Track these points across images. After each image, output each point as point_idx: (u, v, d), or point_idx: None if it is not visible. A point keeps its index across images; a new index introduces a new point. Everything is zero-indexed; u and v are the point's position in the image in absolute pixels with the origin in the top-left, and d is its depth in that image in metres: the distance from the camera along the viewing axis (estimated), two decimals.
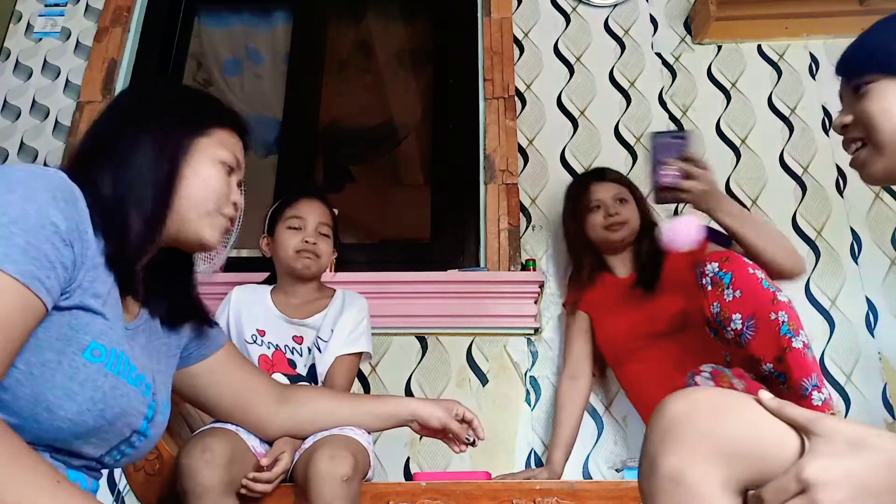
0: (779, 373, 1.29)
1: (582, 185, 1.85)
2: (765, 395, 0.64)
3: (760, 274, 1.33)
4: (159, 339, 0.96)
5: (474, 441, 1.24)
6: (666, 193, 1.43)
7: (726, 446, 0.61)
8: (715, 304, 1.34)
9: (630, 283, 1.73)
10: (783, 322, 1.27)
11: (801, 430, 0.61)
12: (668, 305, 1.64)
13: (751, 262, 1.35)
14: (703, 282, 1.36)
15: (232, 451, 1.17)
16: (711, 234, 1.56)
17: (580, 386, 1.76)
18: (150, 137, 0.88)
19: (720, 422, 0.62)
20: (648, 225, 1.79)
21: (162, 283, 0.95)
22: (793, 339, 1.26)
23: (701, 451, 0.61)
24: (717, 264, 1.35)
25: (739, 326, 1.31)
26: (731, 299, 1.32)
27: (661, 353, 1.61)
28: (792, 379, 1.26)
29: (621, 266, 1.80)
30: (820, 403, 1.22)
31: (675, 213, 1.93)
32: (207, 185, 0.91)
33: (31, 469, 0.65)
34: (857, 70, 0.87)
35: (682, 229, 1.42)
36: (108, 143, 0.88)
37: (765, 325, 1.28)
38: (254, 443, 1.26)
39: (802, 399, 1.24)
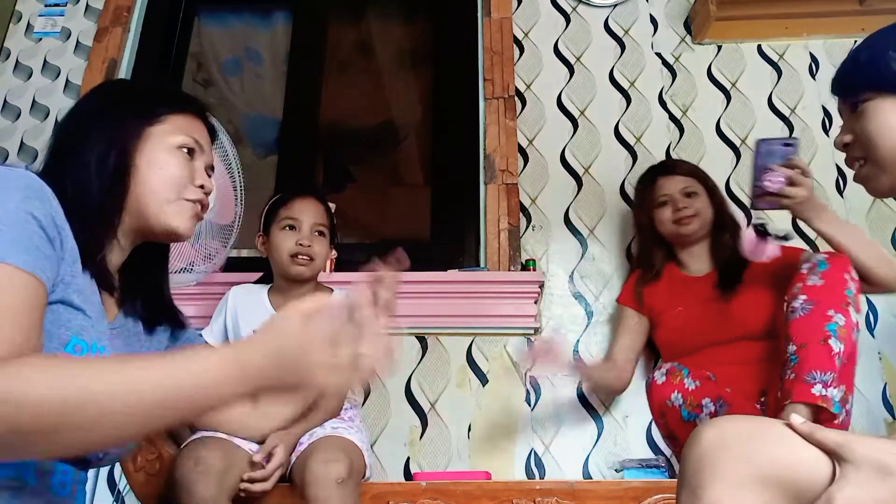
0: (795, 357, 1.26)
1: (649, 179, 1.83)
2: (796, 419, 0.65)
3: (853, 285, 1.31)
4: (138, 345, 0.95)
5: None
6: (766, 199, 1.41)
7: (762, 472, 0.62)
8: (798, 284, 1.34)
9: (708, 281, 1.69)
10: (835, 323, 1.25)
11: (831, 455, 0.61)
12: (746, 311, 1.59)
13: (853, 271, 1.33)
14: (803, 267, 1.36)
15: (225, 460, 1.17)
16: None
17: (613, 368, 1.75)
18: (101, 132, 0.88)
19: (754, 448, 0.63)
20: (724, 218, 1.75)
21: (136, 282, 0.95)
22: (832, 340, 1.24)
23: (738, 479, 0.62)
24: (825, 256, 1.36)
25: (797, 305, 1.30)
26: (811, 284, 1.32)
27: (729, 358, 1.56)
28: (803, 366, 1.23)
29: (695, 262, 1.76)
30: (817, 394, 1.21)
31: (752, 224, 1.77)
32: (164, 172, 0.90)
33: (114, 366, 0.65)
34: (851, 89, 0.87)
35: (759, 241, 1.43)
36: (67, 142, 0.89)
37: (818, 315, 1.27)
38: (252, 445, 1.26)
39: (803, 384, 1.21)
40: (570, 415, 1.87)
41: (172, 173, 0.91)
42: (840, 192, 2.08)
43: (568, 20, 2.36)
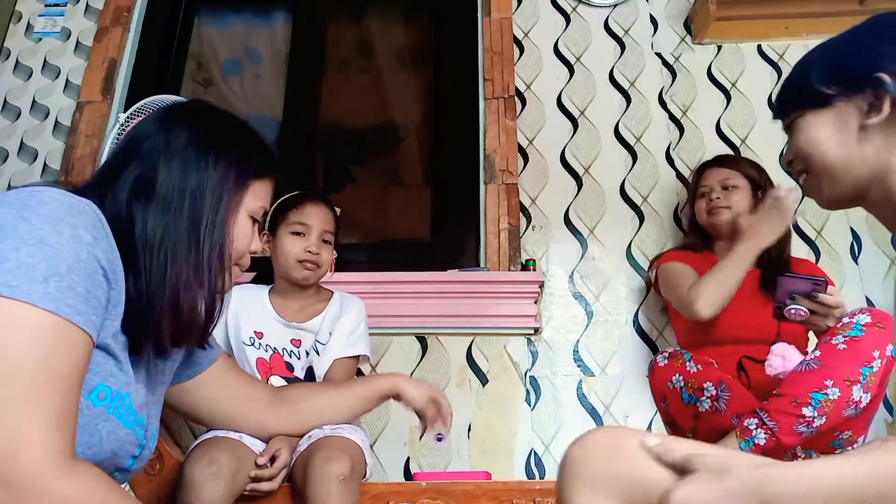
0: (771, 395, 1.31)
1: (698, 171, 1.87)
2: (649, 440, 0.68)
3: (878, 363, 1.27)
4: (155, 369, 0.90)
5: (441, 438, 1.24)
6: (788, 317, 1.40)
7: (616, 486, 0.67)
8: (826, 337, 1.32)
9: (750, 282, 1.64)
10: (824, 394, 1.25)
11: (680, 472, 0.65)
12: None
13: (890, 347, 1.29)
14: (842, 320, 1.32)
15: (237, 462, 1.18)
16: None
17: None
18: (198, 184, 0.82)
19: (610, 463, 0.68)
20: None
21: None
22: (806, 408, 1.25)
23: (594, 492, 0.68)
24: (865, 321, 1.30)
25: (809, 358, 1.30)
26: (834, 343, 1.30)
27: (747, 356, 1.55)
28: (766, 406, 1.29)
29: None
30: (748, 427, 1.28)
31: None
32: (239, 239, 0.87)
33: None
34: (782, 111, 0.94)
35: (789, 357, 1.41)
36: (148, 176, 0.81)
37: (814, 379, 1.27)
38: (260, 448, 1.27)
39: (750, 416, 1.30)
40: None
41: (245, 242, 0.88)
42: None
43: (568, 20, 2.36)
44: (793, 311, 1.38)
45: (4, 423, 0.60)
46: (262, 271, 1.67)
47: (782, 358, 1.40)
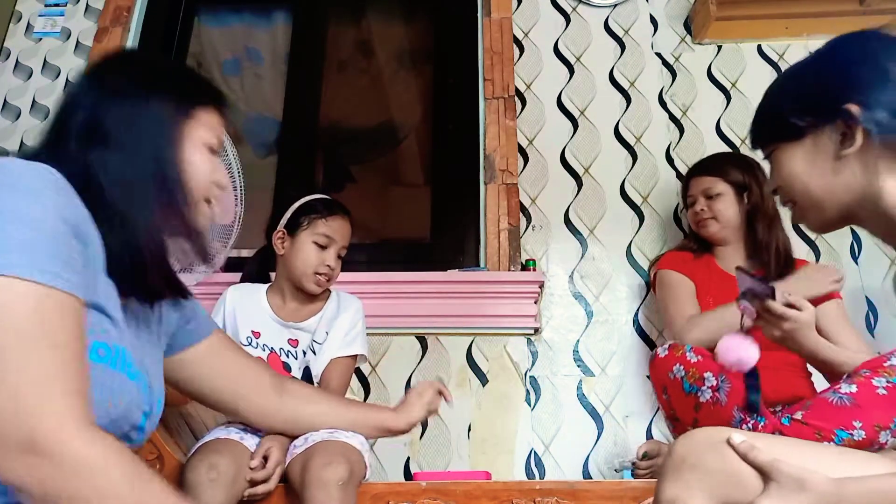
0: (804, 408, 1.24)
1: (686, 177, 1.86)
2: (736, 438, 0.74)
3: None
4: (148, 329, 0.91)
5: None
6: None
7: (710, 480, 0.73)
8: (869, 373, 1.24)
9: None
10: (849, 434, 1.19)
11: (762, 473, 0.72)
12: None
13: None
14: (888, 361, 1.25)
15: (236, 466, 1.19)
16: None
17: None
18: (145, 119, 0.82)
19: (708, 459, 0.75)
20: (756, 219, 1.69)
21: None
22: (828, 443, 1.18)
23: (692, 484, 0.74)
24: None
25: (844, 391, 1.22)
26: (876, 385, 1.22)
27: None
28: (794, 427, 1.22)
29: (731, 261, 1.72)
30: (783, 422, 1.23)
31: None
32: (198, 172, 0.86)
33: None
34: (759, 143, 0.95)
35: (736, 351, 1.38)
36: (95, 126, 0.81)
37: (843, 415, 1.20)
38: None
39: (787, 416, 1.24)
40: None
41: (203, 172, 0.87)
42: None
43: (568, 20, 2.36)
44: (742, 307, 1.33)
45: (26, 392, 0.61)
46: (256, 269, 1.67)
47: (736, 357, 1.36)
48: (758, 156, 1.04)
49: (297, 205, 1.60)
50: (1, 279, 0.63)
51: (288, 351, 1.52)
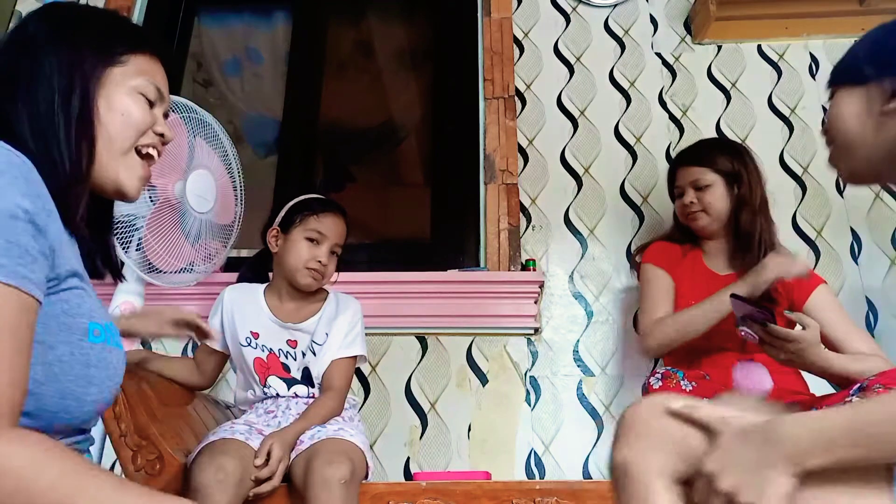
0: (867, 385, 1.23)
1: (671, 169, 1.77)
2: (675, 402, 0.76)
3: None
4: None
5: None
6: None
7: (664, 441, 0.74)
8: (880, 388, 1.23)
9: (730, 283, 1.58)
10: None
11: (708, 431, 0.73)
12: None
13: None
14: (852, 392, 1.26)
15: (242, 467, 1.21)
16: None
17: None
18: (58, 66, 0.78)
19: (662, 422, 0.75)
20: (741, 214, 1.62)
21: (94, 242, 0.86)
22: None
23: (643, 446, 0.75)
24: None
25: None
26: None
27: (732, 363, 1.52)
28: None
29: (715, 257, 1.69)
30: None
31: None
32: (125, 119, 0.81)
33: (97, 477, 0.63)
34: (831, 80, 0.99)
35: (754, 378, 1.38)
36: (13, 77, 0.77)
37: None
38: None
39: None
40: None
41: (134, 121, 0.82)
42: (840, 193, 2.08)
43: (568, 20, 2.36)
44: (743, 334, 1.34)
45: None
46: (253, 269, 1.67)
47: (749, 382, 1.37)
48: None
49: (291, 203, 1.61)
50: None
51: (287, 352, 1.51)
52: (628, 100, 2.24)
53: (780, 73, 2.25)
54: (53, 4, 0.89)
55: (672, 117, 2.21)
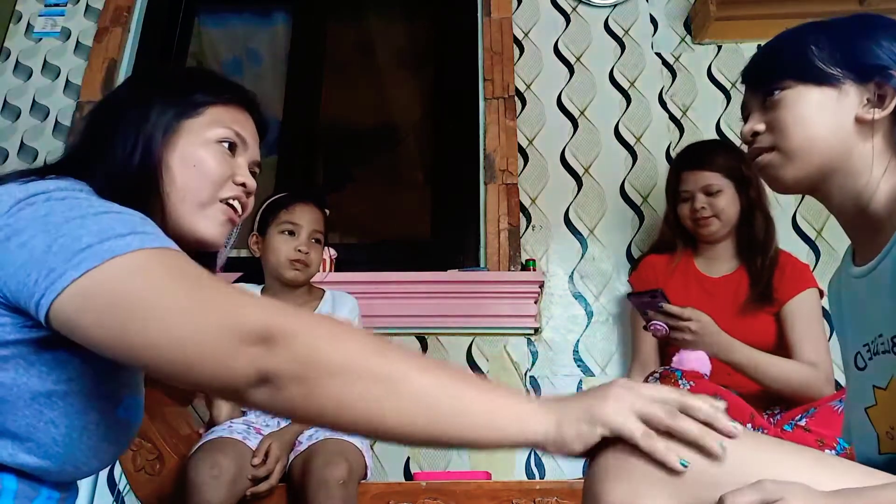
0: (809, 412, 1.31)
1: (673, 171, 1.74)
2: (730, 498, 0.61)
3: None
4: None
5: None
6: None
7: (668, 477, 0.61)
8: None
9: (728, 284, 1.61)
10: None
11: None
12: (767, 328, 1.55)
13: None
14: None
15: (238, 465, 1.20)
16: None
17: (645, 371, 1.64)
18: (130, 124, 0.78)
19: (635, 459, 0.62)
20: (754, 213, 1.62)
21: None
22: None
23: (646, 482, 0.61)
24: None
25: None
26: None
27: (729, 368, 1.49)
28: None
29: (716, 262, 1.69)
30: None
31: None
32: (198, 170, 0.80)
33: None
34: (770, 78, 0.88)
35: (692, 363, 1.40)
36: (95, 134, 0.80)
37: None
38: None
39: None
40: None
41: (209, 171, 0.80)
42: None
43: (568, 20, 2.36)
44: (652, 328, 1.38)
45: (225, 301, 0.64)
46: (252, 271, 1.67)
47: (694, 366, 1.39)
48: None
49: (262, 206, 1.62)
50: (129, 255, 0.63)
51: None
52: (628, 100, 2.24)
53: None
54: (145, 66, 0.91)
55: (672, 117, 2.21)
